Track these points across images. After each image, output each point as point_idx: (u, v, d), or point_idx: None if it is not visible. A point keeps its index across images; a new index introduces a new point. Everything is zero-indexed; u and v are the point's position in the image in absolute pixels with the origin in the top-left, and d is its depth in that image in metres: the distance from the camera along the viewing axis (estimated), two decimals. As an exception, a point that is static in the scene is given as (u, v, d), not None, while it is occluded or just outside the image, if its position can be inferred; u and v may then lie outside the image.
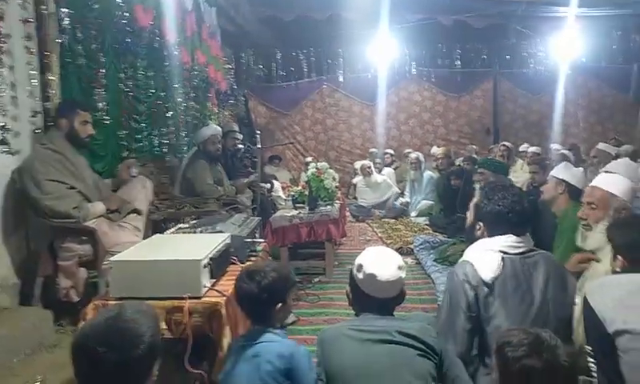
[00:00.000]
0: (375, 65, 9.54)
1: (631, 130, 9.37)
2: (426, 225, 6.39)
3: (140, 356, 1.21)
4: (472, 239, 2.06)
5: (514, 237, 1.92)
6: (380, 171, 8.14)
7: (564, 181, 3.11)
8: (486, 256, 1.89)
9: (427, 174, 7.46)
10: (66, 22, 3.29)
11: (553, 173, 3.23)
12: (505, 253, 1.90)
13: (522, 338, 1.31)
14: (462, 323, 1.85)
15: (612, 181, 2.38)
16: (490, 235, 1.97)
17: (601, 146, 5.50)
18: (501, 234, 1.93)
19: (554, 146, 7.50)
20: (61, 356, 2.44)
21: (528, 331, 1.35)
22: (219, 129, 5.11)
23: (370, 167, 7.64)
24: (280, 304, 1.83)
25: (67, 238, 2.95)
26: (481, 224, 2.06)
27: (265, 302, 1.80)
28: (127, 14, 4.00)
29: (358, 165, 8.15)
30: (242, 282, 1.84)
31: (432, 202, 6.99)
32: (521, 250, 1.92)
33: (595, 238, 2.32)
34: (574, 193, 3.06)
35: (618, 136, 8.79)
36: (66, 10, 3.28)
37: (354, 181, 8.31)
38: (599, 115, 10.19)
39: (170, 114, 4.98)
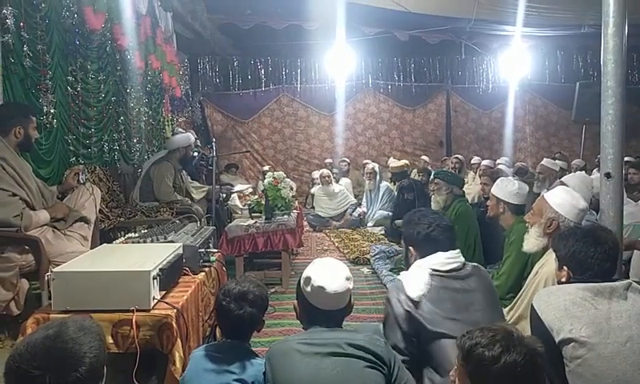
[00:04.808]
0: (333, 76, 9.62)
1: (574, 145, 9.87)
2: (382, 235, 6.48)
3: (79, 379, 1.10)
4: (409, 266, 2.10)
5: (443, 254, 1.98)
6: (337, 181, 8.18)
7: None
8: (415, 274, 1.94)
9: (384, 184, 7.55)
10: (10, 21, 3.13)
11: (492, 191, 3.29)
12: (435, 270, 1.93)
13: (489, 336, 1.20)
14: (399, 338, 1.86)
15: (553, 193, 2.49)
16: (422, 257, 2.02)
17: (545, 162, 5.76)
18: (430, 254, 1.99)
19: (497, 161, 7.80)
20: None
21: (488, 328, 1.24)
22: (193, 139, 5.18)
23: (328, 176, 7.66)
24: (259, 324, 1.91)
25: (7, 247, 2.78)
26: (411, 248, 2.10)
27: (250, 324, 1.86)
28: (76, 16, 3.85)
29: (316, 174, 8.16)
30: (229, 304, 1.82)
31: (388, 213, 7.09)
32: (452, 266, 1.97)
33: (529, 240, 2.45)
34: (516, 208, 3.16)
35: (562, 151, 9.25)
36: (10, 9, 3.12)
37: (312, 190, 8.30)
38: (545, 131, 10.70)
39: (121, 119, 4.82)
